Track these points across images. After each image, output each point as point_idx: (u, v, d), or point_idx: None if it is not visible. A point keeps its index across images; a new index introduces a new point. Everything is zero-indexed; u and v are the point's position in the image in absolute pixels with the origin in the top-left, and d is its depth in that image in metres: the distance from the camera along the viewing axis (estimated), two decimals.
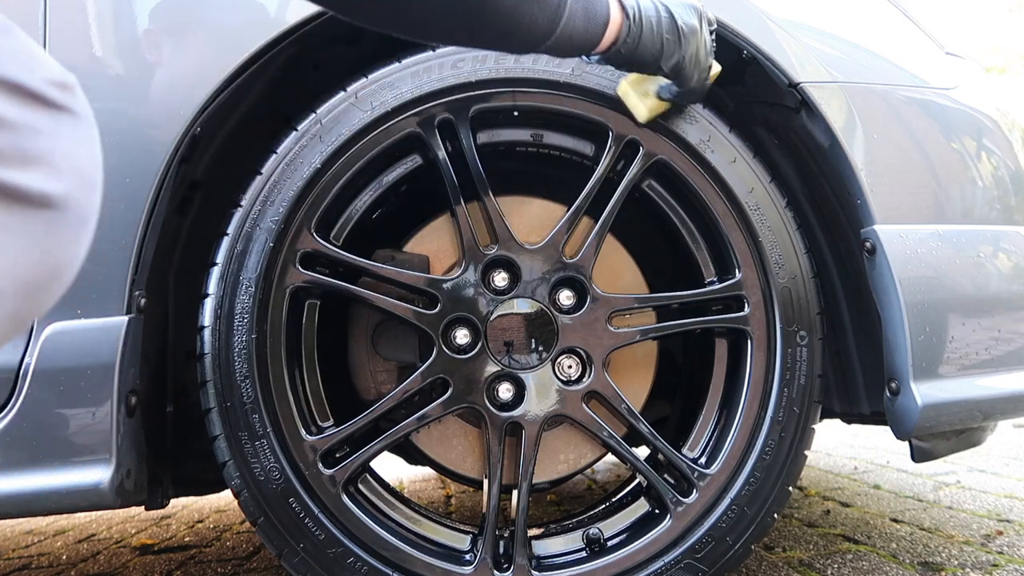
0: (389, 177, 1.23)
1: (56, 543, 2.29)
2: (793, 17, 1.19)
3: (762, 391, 1.20)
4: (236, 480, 1.13)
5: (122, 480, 1.04)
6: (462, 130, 1.18)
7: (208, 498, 2.83)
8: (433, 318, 1.17)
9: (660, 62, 1.04)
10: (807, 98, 1.15)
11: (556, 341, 1.20)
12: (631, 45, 1.00)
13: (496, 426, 1.18)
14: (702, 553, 1.18)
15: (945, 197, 1.19)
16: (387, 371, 1.31)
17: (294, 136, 1.14)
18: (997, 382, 1.16)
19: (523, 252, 1.19)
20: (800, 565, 1.47)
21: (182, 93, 1.09)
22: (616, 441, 1.21)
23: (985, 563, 1.40)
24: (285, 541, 1.13)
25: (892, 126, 1.17)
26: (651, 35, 1.01)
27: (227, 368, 1.12)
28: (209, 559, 1.88)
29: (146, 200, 1.06)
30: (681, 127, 1.19)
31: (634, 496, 1.27)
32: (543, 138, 1.26)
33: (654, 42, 1.01)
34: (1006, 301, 1.19)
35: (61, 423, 1.03)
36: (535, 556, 1.21)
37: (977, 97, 1.27)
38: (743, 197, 1.20)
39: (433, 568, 1.15)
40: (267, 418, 1.13)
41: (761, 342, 1.21)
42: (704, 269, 1.27)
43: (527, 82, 1.18)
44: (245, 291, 1.13)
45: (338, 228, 1.22)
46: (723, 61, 1.25)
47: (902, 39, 1.26)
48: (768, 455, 1.19)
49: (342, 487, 1.15)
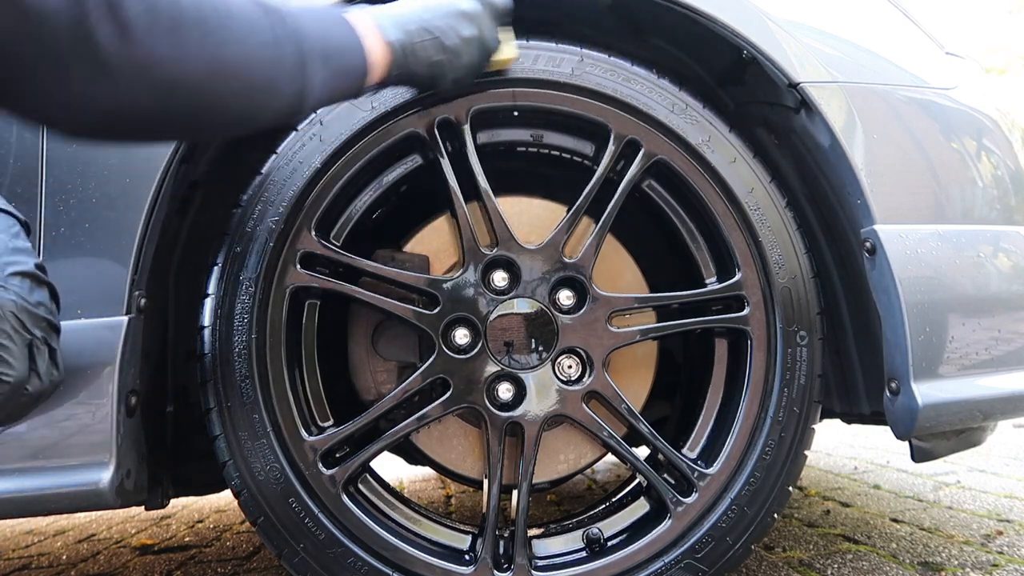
0: (389, 177, 1.23)
1: (56, 543, 2.29)
2: (793, 17, 1.19)
3: (762, 391, 1.20)
4: (236, 480, 1.13)
5: (122, 480, 1.04)
6: (462, 130, 1.17)
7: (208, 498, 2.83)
8: (433, 318, 1.17)
9: (436, 82, 1.06)
10: (807, 98, 1.15)
11: (556, 341, 1.20)
12: (402, 73, 1.01)
13: (496, 426, 1.18)
14: (702, 553, 1.18)
15: (945, 197, 1.19)
16: (387, 371, 1.31)
17: (294, 136, 1.14)
18: (997, 382, 1.16)
19: (523, 252, 1.19)
20: (800, 565, 1.47)
21: None
22: (616, 441, 1.21)
23: (985, 563, 1.40)
24: (285, 541, 1.13)
25: (892, 126, 1.17)
26: (418, 61, 1.01)
27: (227, 368, 1.12)
28: (209, 559, 1.88)
29: (146, 200, 1.06)
30: (681, 127, 1.19)
31: (634, 496, 1.27)
32: (543, 138, 1.26)
33: (424, 67, 1.02)
34: (1006, 301, 1.19)
35: (61, 423, 1.03)
36: (535, 556, 1.21)
37: (977, 97, 1.26)
38: (743, 197, 1.20)
39: (433, 568, 1.15)
40: (267, 418, 1.13)
41: (761, 342, 1.21)
42: (704, 269, 1.27)
43: (527, 82, 1.18)
44: (245, 291, 1.13)
45: (338, 228, 1.22)
46: (723, 61, 1.25)
47: (902, 39, 1.26)
48: (768, 455, 1.19)
49: (342, 487, 1.15)
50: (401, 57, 1.00)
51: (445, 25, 1.03)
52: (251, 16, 0.82)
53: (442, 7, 1.05)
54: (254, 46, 0.82)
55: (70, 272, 1.04)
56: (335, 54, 0.92)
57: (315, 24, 0.90)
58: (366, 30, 0.97)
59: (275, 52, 0.84)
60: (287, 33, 0.85)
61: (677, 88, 1.19)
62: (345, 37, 0.94)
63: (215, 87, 0.80)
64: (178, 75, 0.76)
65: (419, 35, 1.01)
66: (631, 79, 1.18)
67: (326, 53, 0.90)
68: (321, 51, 0.89)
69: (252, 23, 0.82)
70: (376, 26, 0.98)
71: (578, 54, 1.18)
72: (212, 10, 0.78)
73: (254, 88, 0.83)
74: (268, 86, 0.85)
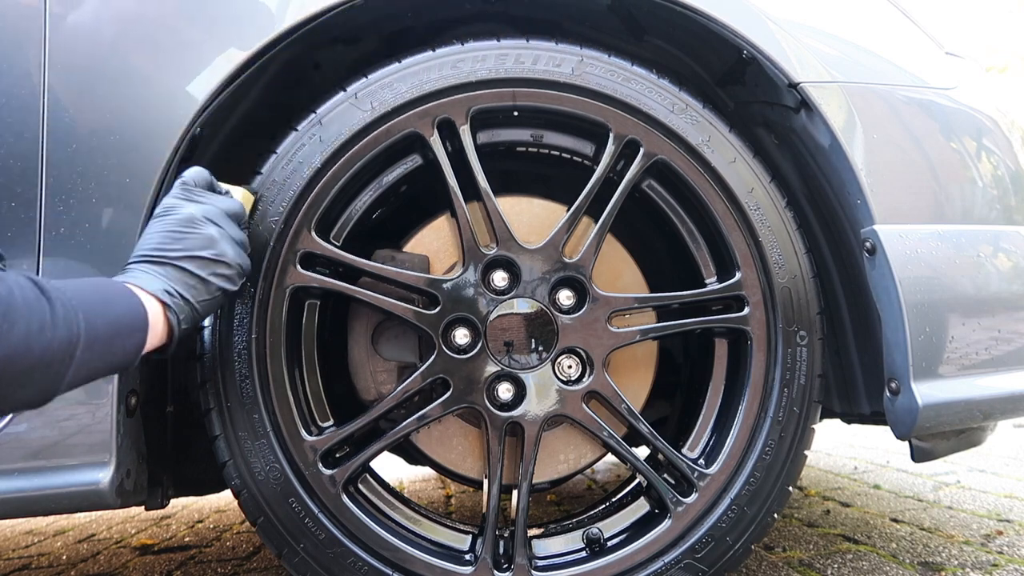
0: (389, 177, 1.23)
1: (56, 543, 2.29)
2: (793, 17, 1.19)
3: (762, 391, 1.20)
4: (236, 480, 1.13)
5: (122, 480, 1.04)
6: (462, 130, 1.17)
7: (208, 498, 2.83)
8: (433, 318, 1.17)
9: (218, 306, 1.03)
10: (807, 98, 1.15)
11: (556, 341, 1.20)
12: (188, 326, 0.96)
13: (496, 426, 1.18)
14: (702, 553, 1.18)
15: (945, 197, 1.19)
16: (387, 371, 1.31)
17: (294, 136, 1.14)
18: (997, 382, 1.16)
19: (523, 252, 1.19)
20: (800, 565, 1.47)
21: (183, 93, 1.09)
22: (616, 441, 1.21)
23: (985, 563, 1.40)
24: (285, 541, 1.13)
25: (892, 126, 1.17)
26: (203, 308, 0.98)
27: (227, 368, 1.12)
28: (209, 559, 1.88)
29: (146, 200, 1.06)
30: (681, 127, 1.19)
31: (634, 496, 1.27)
32: (543, 138, 1.26)
33: (205, 309, 0.99)
34: (1006, 301, 1.18)
35: (61, 423, 1.03)
36: (535, 556, 1.21)
37: (977, 97, 1.26)
38: (743, 197, 1.19)
39: (433, 568, 1.15)
40: (267, 418, 1.13)
41: (761, 342, 1.21)
42: (704, 269, 1.27)
43: (527, 82, 1.17)
44: (245, 291, 1.13)
45: (338, 228, 1.22)
46: (723, 61, 1.25)
47: (902, 39, 1.26)
48: (768, 455, 1.19)
49: (342, 487, 1.15)
50: (183, 311, 0.95)
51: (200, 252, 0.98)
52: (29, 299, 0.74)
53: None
54: (31, 332, 0.73)
55: (70, 272, 1.04)
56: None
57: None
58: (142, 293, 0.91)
59: (48, 338, 0.75)
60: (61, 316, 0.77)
61: (677, 88, 1.19)
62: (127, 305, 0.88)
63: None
64: None
65: (189, 288, 0.96)
66: (631, 79, 1.18)
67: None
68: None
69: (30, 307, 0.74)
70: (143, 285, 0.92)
71: (578, 54, 1.18)
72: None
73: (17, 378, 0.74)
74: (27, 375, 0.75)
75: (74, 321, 0.78)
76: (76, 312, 0.79)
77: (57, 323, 0.76)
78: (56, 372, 0.77)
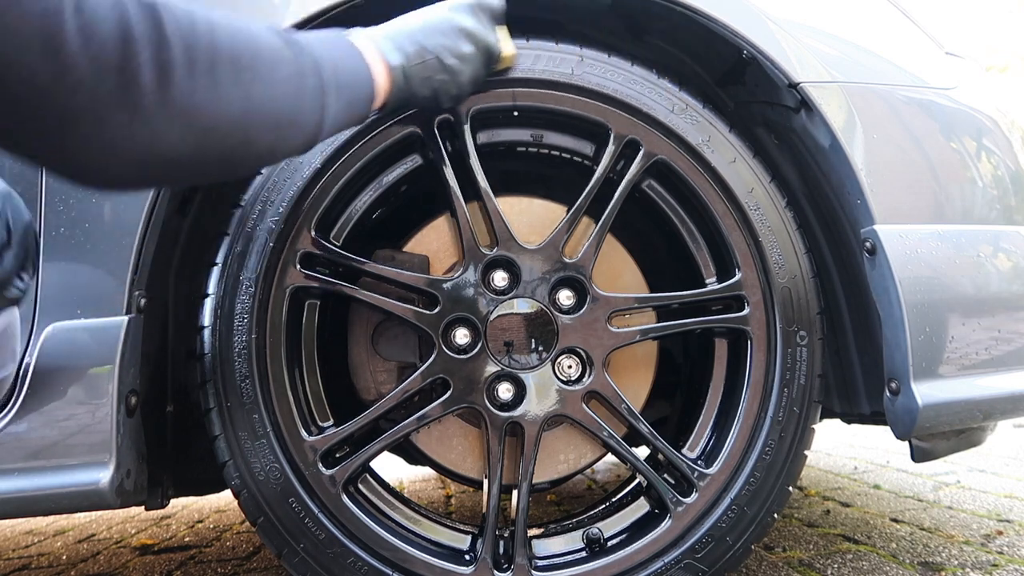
0: (389, 177, 1.23)
1: (56, 543, 2.29)
2: (793, 17, 1.19)
3: (762, 391, 1.20)
4: (236, 480, 1.13)
5: (122, 480, 1.04)
6: (462, 130, 1.17)
7: (208, 498, 2.83)
8: (433, 318, 1.17)
9: (438, 101, 1.06)
10: (807, 98, 1.15)
11: (556, 341, 1.20)
12: (402, 96, 1.01)
13: (496, 426, 1.18)
14: (702, 553, 1.18)
15: (945, 197, 1.19)
16: (387, 371, 1.31)
17: None
18: (997, 382, 1.16)
19: (523, 252, 1.19)
20: (800, 565, 1.47)
21: None
22: (616, 441, 1.21)
23: (985, 563, 1.40)
24: (285, 541, 1.13)
25: (892, 126, 1.17)
26: (419, 83, 1.01)
27: (227, 368, 1.12)
28: (209, 559, 1.88)
29: (146, 200, 1.06)
30: (681, 127, 1.19)
31: (634, 496, 1.27)
32: (543, 138, 1.26)
33: (425, 88, 1.02)
34: (1006, 301, 1.19)
35: (61, 423, 1.03)
36: (535, 556, 1.21)
37: (977, 97, 1.26)
38: (743, 197, 1.20)
39: (433, 568, 1.15)
40: (267, 418, 1.13)
41: (761, 342, 1.21)
42: (704, 269, 1.27)
43: (527, 82, 1.17)
44: (245, 291, 1.13)
45: (338, 228, 1.22)
46: (723, 61, 1.25)
47: (902, 39, 1.26)
48: (768, 455, 1.19)
49: (342, 487, 1.15)
50: (402, 81, 0.99)
51: (444, 44, 1.02)
52: (275, 48, 0.80)
53: (440, 25, 1.03)
54: (280, 81, 0.80)
55: (70, 271, 1.04)
56: (347, 83, 0.91)
57: (328, 53, 0.89)
58: (371, 56, 0.96)
59: (299, 85, 0.82)
60: (308, 64, 0.84)
61: (677, 88, 1.19)
62: (355, 65, 0.93)
63: (247, 126, 0.77)
64: (215, 117, 0.73)
65: (418, 56, 1.00)
66: (631, 79, 1.18)
67: (339, 83, 0.89)
68: (335, 81, 0.88)
69: (277, 56, 0.80)
70: (378, 50, 0.97)
71: (578, 54, 1.18)
72: (244, 47, 0.76)
73: (280, 123, 0.82)
74: (293, 120, 0.83)
75: (316, 64, 0.85)
76: (319, 60, 0.86)
77: (306, 65, 0.84)
78: (318, 110, 0.85)
